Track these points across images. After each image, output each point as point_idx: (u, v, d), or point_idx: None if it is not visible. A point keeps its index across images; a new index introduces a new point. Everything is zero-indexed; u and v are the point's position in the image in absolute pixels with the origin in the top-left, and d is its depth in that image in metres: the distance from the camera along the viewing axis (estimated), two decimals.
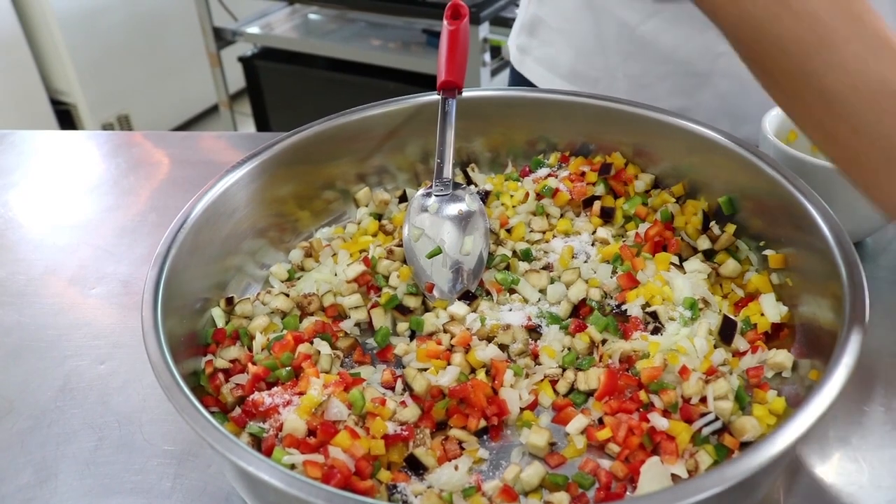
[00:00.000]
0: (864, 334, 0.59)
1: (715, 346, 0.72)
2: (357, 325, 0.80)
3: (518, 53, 1.21)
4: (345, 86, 2.66)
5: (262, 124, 3.00)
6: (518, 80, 1.21)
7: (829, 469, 0.66)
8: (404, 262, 0.83)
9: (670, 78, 1.04)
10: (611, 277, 0.79)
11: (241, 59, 2.85)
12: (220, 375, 0.71)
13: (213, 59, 2.91)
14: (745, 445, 0.63)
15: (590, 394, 0.70)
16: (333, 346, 0.76)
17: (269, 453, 0.62)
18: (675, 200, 0.86)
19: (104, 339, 0.84)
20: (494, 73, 2.41)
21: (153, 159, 1.20)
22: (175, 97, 3.62)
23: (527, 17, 1.16)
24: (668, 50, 1.02)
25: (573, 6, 1.07)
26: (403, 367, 0.74)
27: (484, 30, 2.29)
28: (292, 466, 0.60)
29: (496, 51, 2.39)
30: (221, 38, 2.85)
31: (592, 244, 0.85)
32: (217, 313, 0.78)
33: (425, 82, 2.42)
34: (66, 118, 3.35)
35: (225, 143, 1.26)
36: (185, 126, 3.74)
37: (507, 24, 2.47)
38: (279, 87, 2.86)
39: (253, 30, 2.81)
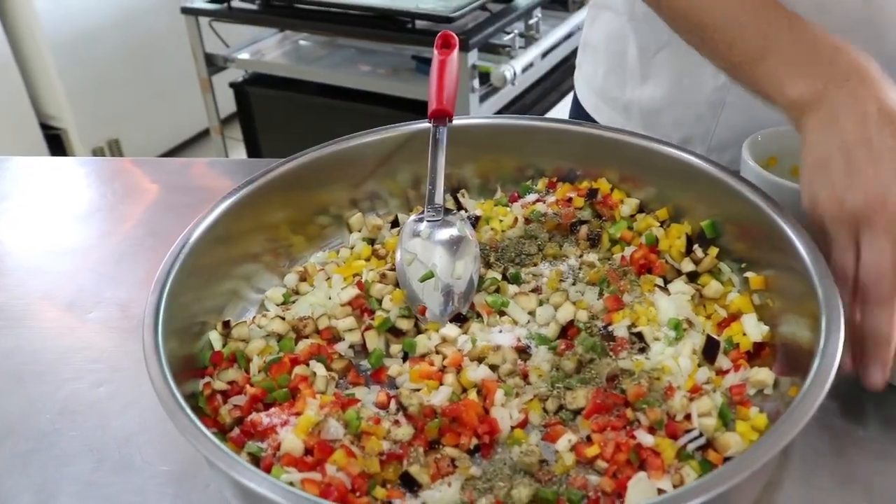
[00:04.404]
0: (840, 351, 0.61)
1: (699, 365, 0.75)
2: (351, 347, 0.81)
3: (576, 70, 1.29)
4: (335, 111, 2.69)
5: (253, 149, 3.02)
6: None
7: (818, 488, 0.68)
8: (397, 285, 0.85)
9: (675, 107, 1.09)
10: (598, 299, 0.82)
11: (233, 85, 2.88)
12: (219, 397, 0.73)
13: (204, 85, 2.93)
14: (728, 461, 0.65)
15: (578, 412, 0.72)
16: (328, 368, 0.77)
17: (267, 472, 0.64)
18: (659, 224, 0.89)
19: (103, 363, 0.85)
20: (483, 98, 2.45)
21: (147, 185, 1.22)
22: (166, 122, 3.64)
23: (581, 37, 1.26)
24: (675, 79, 1.07)
25: (608, 31, 1.15)
26: (397, 388, 0.76)
27: (473, 56, 2.33)
28: (290, 485, 0.61)
29: (485, 77, 2.43)
30: (213, 64, 2.87)
31: (580, 267, 0.87)
32: (214, 336, 0.80)
33: (415, 108, 2.44)
34: (55, 143, 3.36)
35: (218, 169, 1.28)
36: (176, 151, 3.75)
37: (495, 50, 2.51)
38: (270, 112, 2.88)
39: (244, 56, 2.83)
